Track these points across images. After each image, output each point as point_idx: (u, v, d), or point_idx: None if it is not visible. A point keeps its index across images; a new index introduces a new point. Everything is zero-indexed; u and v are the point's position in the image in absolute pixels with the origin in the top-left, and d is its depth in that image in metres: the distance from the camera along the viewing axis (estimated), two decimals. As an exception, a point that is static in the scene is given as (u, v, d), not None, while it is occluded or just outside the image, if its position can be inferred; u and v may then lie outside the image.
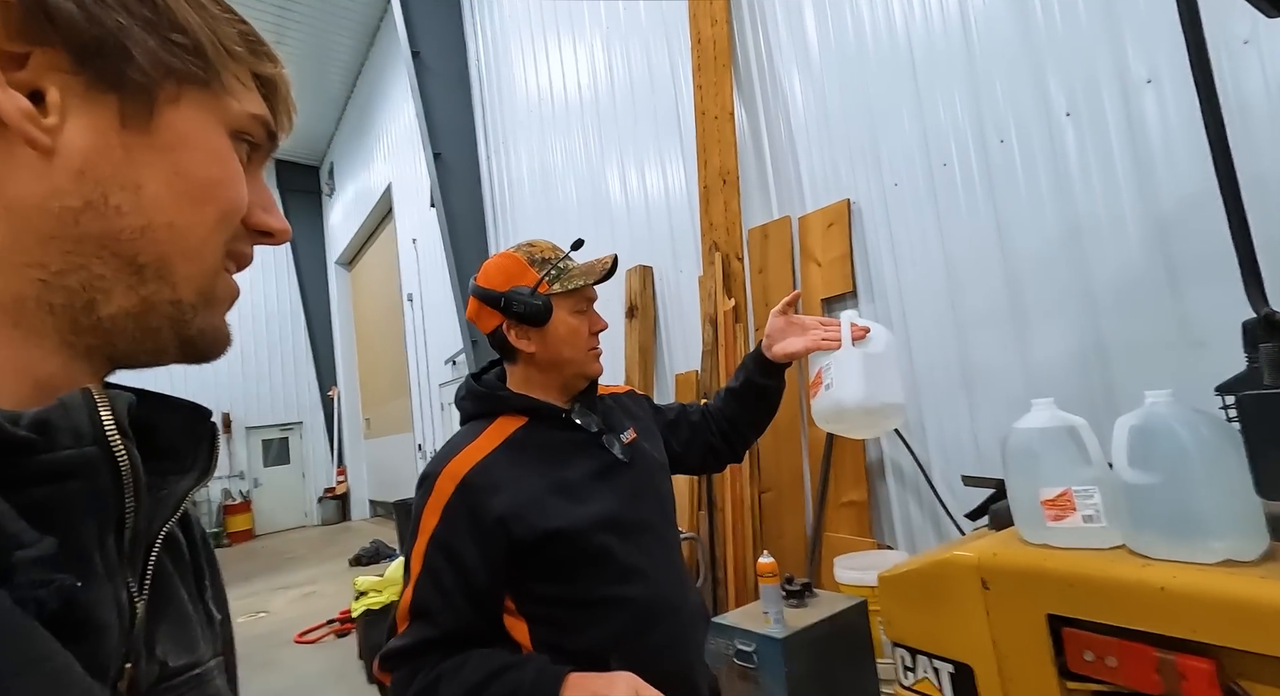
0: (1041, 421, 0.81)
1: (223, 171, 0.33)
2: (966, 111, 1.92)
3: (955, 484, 1.99)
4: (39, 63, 0.27)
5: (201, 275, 0.32)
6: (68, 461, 0.26)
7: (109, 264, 0.29)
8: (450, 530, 0.85)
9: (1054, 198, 1.72)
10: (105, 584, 0.27)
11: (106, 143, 0.29)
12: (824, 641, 1.54)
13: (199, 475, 0.34)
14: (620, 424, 1.04)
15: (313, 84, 9.04)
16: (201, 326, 0.33)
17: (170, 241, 0.31)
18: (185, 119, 0.31)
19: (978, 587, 0.82)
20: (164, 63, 0.30)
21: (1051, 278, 1.74)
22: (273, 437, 11.01)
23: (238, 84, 0.34)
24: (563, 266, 0.97)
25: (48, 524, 0.24)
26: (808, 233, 2.45)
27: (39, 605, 0.23)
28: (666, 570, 0.95)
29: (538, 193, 4.62)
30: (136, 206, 0.29)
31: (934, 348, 2.05)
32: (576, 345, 0.97)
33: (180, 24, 0.31)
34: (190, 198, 0.31)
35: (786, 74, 2.54)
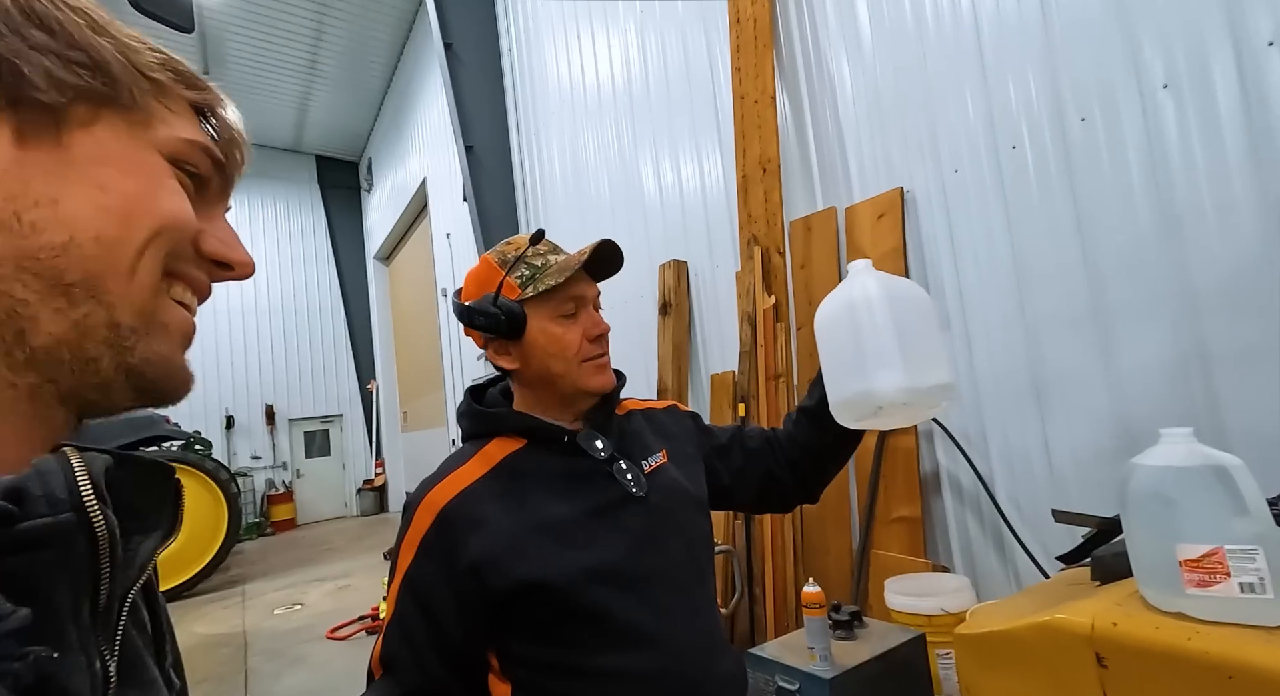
0: (1179, 458, 0.64)
1: (152, 185, 0.32)
2: (1042, 87, 1.71)
3: (1024, 503, 1.80)
4: None
5: (138, 293, 0.31)
6: (43, 530, 0.26)
7: (30, 286, 0.28)
8: (423, 572, 0.74)
9: (1147, 182, 1.50)
10: (79, 654, 0.27)
11: (11, 160, 0.28)
12: (876, 681, 1.38)
13: (163, 535, 0.33)
14: (644, 447, 0.87)
15: (352, 81, 9.14)
16: (146, 354, 0.31)
17: (99, 257, 0.29)
18: (104, 138, 0.31)
19: (1091, 664, 0.66)
20: (62, 81, 0.29)
21: (1142, 274, 1.52)
22: (314, 429, 11.26)
23: (164, 110, 0.34)
24: (536, 264, 0.81)
25: (21, 594, 0.24)
26: (855, 224, 2.26)
27: (15, 679, 0.23)
28: (687, 633, 0.78)
29: (569, 185, 4.51)
30: (55, 221, 0.28)
31: (999, 352, 1.85)
32: (564, 356, 0.81)
33: (80, 44, 0.30)
34: (117, 212, 0.30)
35: (833, 53, 2.35)
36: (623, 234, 3.82)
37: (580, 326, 0.82)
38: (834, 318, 0.89)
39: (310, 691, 3.48)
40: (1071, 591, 0.80)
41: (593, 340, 0.82)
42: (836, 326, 0.88)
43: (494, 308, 0.79)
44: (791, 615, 2.15)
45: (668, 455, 0.89)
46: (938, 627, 1.58)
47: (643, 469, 0.84)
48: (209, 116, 0.36)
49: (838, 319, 0.88)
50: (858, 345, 0.83)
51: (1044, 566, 1.65)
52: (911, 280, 0.89)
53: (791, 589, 2.19)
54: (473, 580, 0.72)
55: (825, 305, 0.92)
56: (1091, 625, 0.66)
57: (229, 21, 7.48)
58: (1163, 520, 0.64)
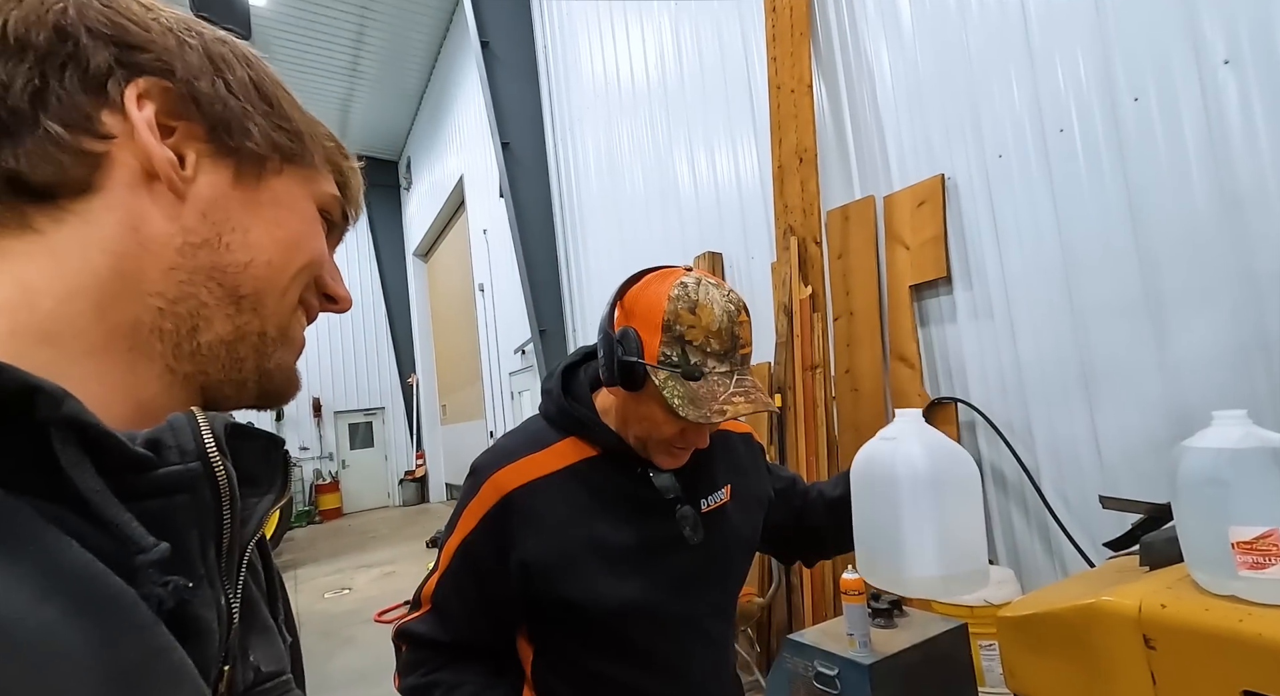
0: (1233, 440, 0.63)
1: (310, 228, 0.40)
2: (1092, 67, 1.66)
3: (1070, 496, 1.76)
4: (182, 133, 0.35)
5: (284, 312, 0.38)
6: (176, 476, 0.29)
7: (214, 293, 0.35)
8: (483, 543, 0.77)
9: (1206, 163, 1.45)
10: (208, 588, 0.30)
11: (224, 194, 0.36)
12: (917, 669, 1.38)
13: (275, 497, 0.37)
14: (710, 482, 0.85)
15: (392, 81, 9.36)
16: (279, 361, 0.39)
17: (266, 278, 0.37)
18: (285, 186, 0.39)
19: (1138, 646, 0.65)
20: (272, 140, 0.38)
21: (1200, 258, 1.47)
22: (358, 421, 11.63)
23: (323, 169, 0.42)
24: (690, 359, 0.72)
25: (159, 532, 0.27)
26: (894, 213, 2.23)
27: (159, 602, 0.26)
28: (704, 670, 0.82)
29: (604, 179, 4.54)
30: (243, 245, 0.36)
31: (1045, 341, 1.81)
32: (649, 435, 0.76)
33: (287, 116, 0.40)
34: (284, 244, 0.38)
35: (872, 38, 2.32)
36: (657, 227, 3.84)
37: (679, 428, 0.75)
38: (876, 484, 0.82)
39: (360, 670, 3.63)
40: (1119, 576, 0.79)
41: (683, 445, 0.78)
42: (876, 495, 0.82)
43: (626, 359, 0.72)
44: (830, 604, 2.15)
45: (731, 493, 0.87)
46: (980, 619, 1.57)
47: (703, 507, 0.83)
48: (345, 180, 0.45)
49: (879, 488, 0.81)
50: (897, 528, 0.78)
51: (1091, 558, 1.62)
52: (959, 447, 0.82)
53: (830, 577, 2.19)
54: (521, 574, 0.75)
55: (870, 458, 0.84)
56: (1139, 607, 0.66)
57: (275, 27, 7.74)
58: (1216, 503, 0.63)
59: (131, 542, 0.26)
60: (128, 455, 0.28)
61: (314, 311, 0.42)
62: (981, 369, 1.99)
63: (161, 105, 0.34)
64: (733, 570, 0.87)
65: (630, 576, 0.76)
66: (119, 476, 0.27)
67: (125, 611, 0.25)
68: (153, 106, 0.34)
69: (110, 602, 0.25)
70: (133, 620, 0.25)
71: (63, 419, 0.25)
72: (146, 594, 0.26)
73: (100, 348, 0.32)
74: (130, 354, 0.32)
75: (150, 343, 0.33)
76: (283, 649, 0.39)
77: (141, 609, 0.26)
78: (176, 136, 0.35)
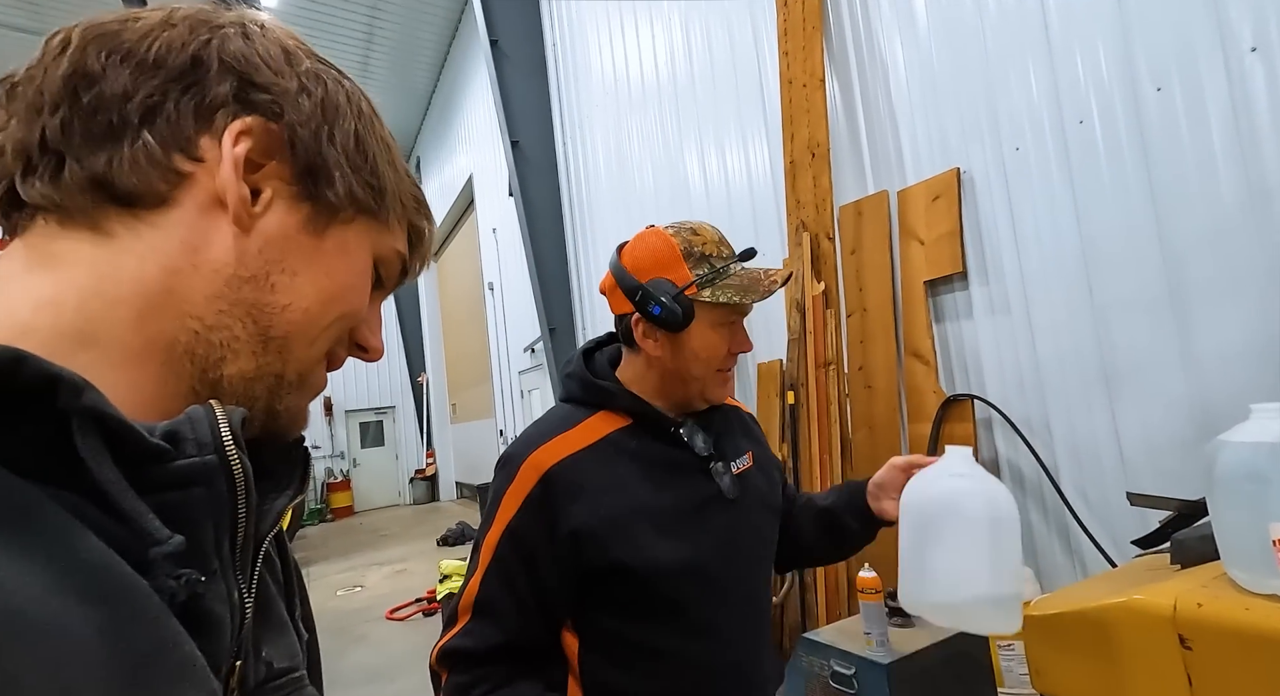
0: (1273, 434, 0.61)
1: (358, 281, 0.40)
2: (1113, 57, 1.62)
3: (1091, 492, 1.73)
4: (269, 171, 0.36)
5: (308, 359, 0.38)
6: (192, 468, 0.29)
7: (248, 328, 0.35)
8: (529, 525, 0.76)
9: (1232, 153, 1.42)
10: (220, 582, 0.30)
11: (287, 236, 0.36)
12: (936, 669, 1.36)
13: (293, 494, 0.38)
14: (735, 447, 0.88)
15: (401, 80, 9.40)
16: (289, 404, 0.38)
17: (299, 323, 0.37)
18: (349, 237, 0.39)
19: (1173, 646, 0.63)
20: (354, 194, 0.38)
21: (1226, 250, 1.44)
22: (369, 420, 11.71)
23: (396, 225, 0.42)
24: (722, 270, 0.80)
25: (174, 524, 0.27)
26: (909, 207, 2.21)
27: (171, 595, 0.26)
28: (748, 632, 0.81)
29: (614, 177, 4.53)
30: (287, 288, 0.36)
31: (1064, 337, 1.78)
32: (709, 364, 0.81)
33: (377, 173, 0.40)
34: (327, 295, 0.38)
35: (886, 31, 2.29)
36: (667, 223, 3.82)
37: (730, 339, 0.82)
38: (932, 520, 0.82)
39: (372, 667, 3.64)
40: (1150, 575, 0.77)
41: (733, 353, 0.84)
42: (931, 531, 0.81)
43: (674, 302, 0.77)
44: (844, 603, 2.13)
45: (753, 458, 0.90)
46: (999, 618, 1.54)
47: (734, 469, 0.85)
48: (417, 239, 0.45)
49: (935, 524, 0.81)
50: (953, 563, 0.78)
51: (1113, 557, 1.59)
52: (1000, 483, 0.82)
53: (844, 576, 2.17)
54: (571, 545, 0.74)
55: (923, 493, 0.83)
56: (1174, 606, 0.64)
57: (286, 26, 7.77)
58: (1255, 498, 0.61)
59: (147, 534, 0.26)
60: (145, 446, 0.28)
61: (339, 361, 0.42)
62: (999, 365, 1.96)
63: (259, 144, 0.35)
64: (766, 532, 0.89)
65: (678, 537, 0.77)
66: (137, 468, 0.27)
67: (138, 603, 0.25)
68: (249, 144, 0.34)
69: (123, 594, 0.25)
70: (145, 612, 0.25)
71: (83, 408, 0.25)
72: (159, 586, 0.26)
73: (136, 356, 0.32)
74: (163, 368, 0.33)
75: (182, 363, 0.34)
76: (297, 645, 0.38)
77: (154, 601, 0.25)
78: (261, 174, 0.35)
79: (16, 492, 0.24)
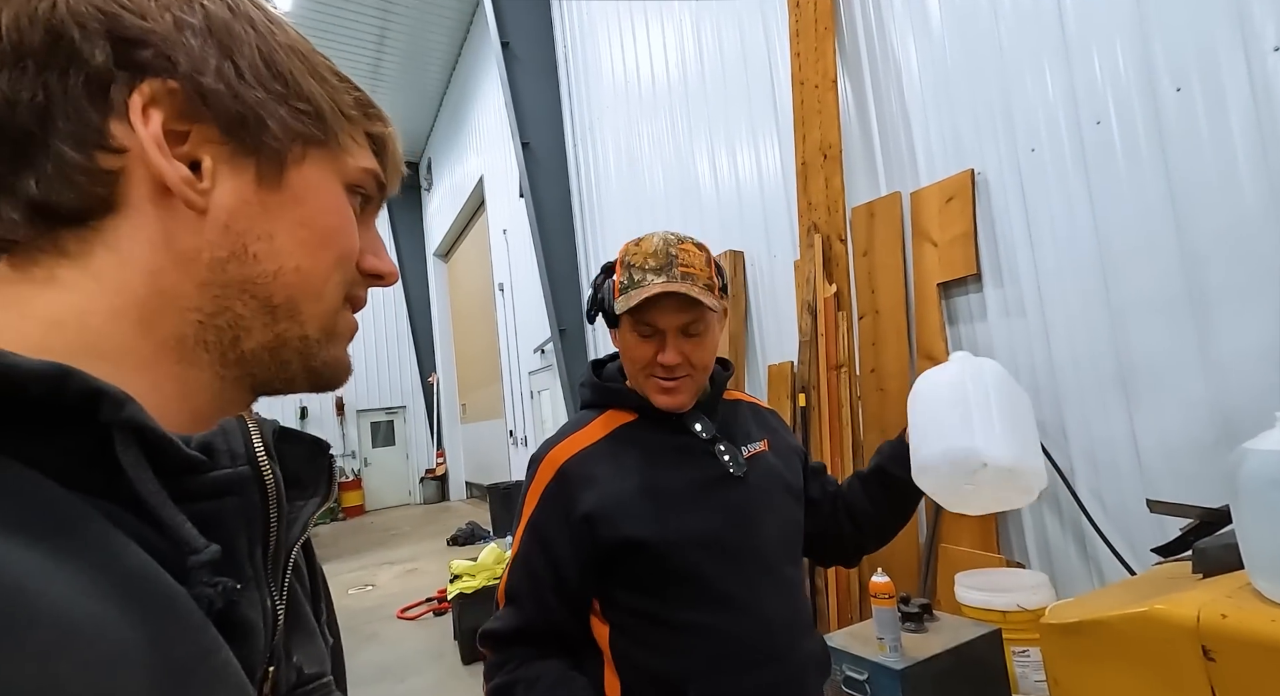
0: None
1: (339, 220, 0.37)
2: (1131, 57, 1.60)
3: (1108, 498, 1.71)
4: (197, 137, 0.32)
5: (325, 313, 0.37)
6: (227, 479, 0.30)
7: (249, 305, 0.34)
8: (545, 518, 0.83)
9: (1254, 154, 1.39)
10: (254, 590, 0.31)
11: (246, 200, 0.33)
12: (949, 675, 1.35)
13: (320, 501, 0.38)
14: (746, 434, 0.92)
15: (412, 82, 9.45)
16: (325, 358, 0.37)
17: (297, 284, 0.35)
18: (309, 176, 0.36)
19: (1196, 657, 0.62)
20: (292, 128, 0.35)
21: (1247, 252, 1.42)
22: (380, 420, 11.78)
23: (352, 143, 0.38)
24: (635, 278, 0.84)
25: (210, 533, 0.28)
26: (922, 209, 2.19)
27: (208, 602, 0.27)
28: (773, 607, 0.83)
29: (624, 178, 4.53)
30: (270, 254, 0.34)
31: (1080, 339, 1.76)
32: (634, 366, 0.87)
33: (305, 94, 0.36)
34: (312, 244, 0.36)
35: (899, 31, 2.27)
36: (677, 225, 3.82)
37: (654, 348, 0.85)
38: (937, 388, 0.89)
39: (384, 666, 3.67)
40: (1171, 584, 0.76)
41: (662, 365, 0.86)
42: (938, 396, 0.88)
43: (597, 301, 0.88)
44: (855, 607, 2.12)
45: (769, 445, 0.94)
46: (1013, 625, 1.53)
47: (742, 452, 0.89)
48: (381, 146, 0.41)
49: (939, 390, 0.88)
50: (968, 408, 0.83)
51: (1131, 564, 1.57)
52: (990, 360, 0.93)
53: (855, 580, 2.15)
54: (586, 528, 0.80)
55: (927, 378, 0.93)
56: (1197, 616, 0.63)
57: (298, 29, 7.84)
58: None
59: (184, 543, 0.27)
60: (182, 458, 0.28)
61: (361, 301, 0.41)
62: (1013, 368, 1.94)
63: (170, 110, 0.31)
64: (781, 506, 0.91)
65: (687, 511, 0.82)
66: (174, 478, 0.28)
67: (177, 611, 0.25)
68: (160, 116, 0.31)
69: (164, 602, 0.25)
70: (184, 620, 0.25)
71: (124, 421, 0.26)
72: (197, 594, 0.26)
73: (150, 362, 0.32)
74: (179, 366, 0.32)
75: (197, 353, 0.33)
76: (324, 650, 0.39)
77: (193, 609, 0.26)
78: (191, 142, 0.32)
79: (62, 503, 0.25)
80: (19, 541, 0.22)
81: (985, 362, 0.90)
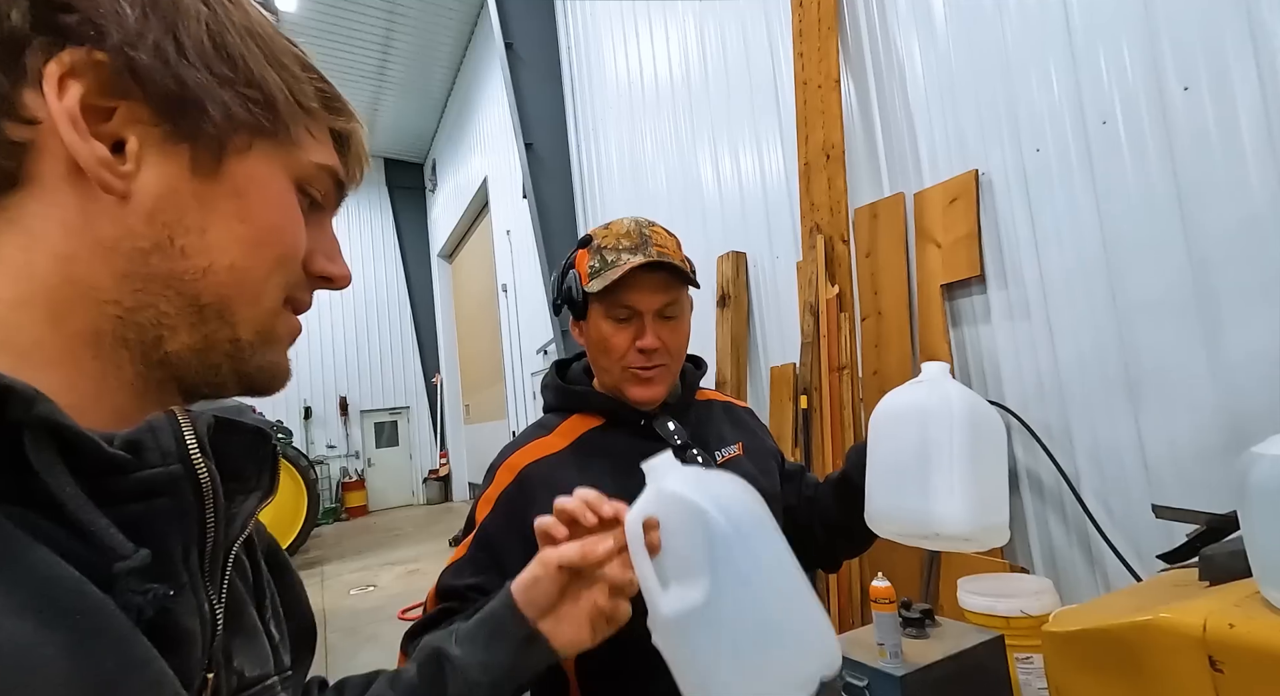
0: (1311, 448, 0.59)
1: (282, 217, 0.35)
2: (1138, 56, 1.58)
3: (1114, 503, 1.68)
4: (123, 115, 0.29)
5: (261, 316, 0.34)
6: (156, 479, 0.28)
7: (174, 303, 0.31)
8: (498, 523, 0.77)
9: (1265, 153, 1.37)
10: (190, 595, 0.29)
11: (176, 188, 0.31)
12: (951, 682, 1.33)
13: (262, 495, 0.35)
14: (720, 437, 0.88)
15: (417, 84, 9.48)
16: (260, 363, 0.35)
17: (231, 284, 0.32)
18: (252, 168, 0.33)
19: (1203, 668, 0.61)
20: (236, 116, 0.32)
21: (1257, 253, 1.39)
22: (383, 420, 11.81)
23: (308, 136, 0.36)
24: (607, 258, 0.80)
25: (139, 537, 0.26)
26: (925, 210, 2.17)
27: (138, 612, 0.25)
28: None
29: (627, 179, 4.53)
30: (200, 249, 0.31)
31: (1085, 342, 1.74)
32: (610, 356, 0.82)
33: (255, 80, 0.33)
34: (250, 241, 0.33)
35: (902, 32, 2.26)
36: (680, 226, 3.79)
37: (631, 333, 0.81)
38: (902, 422, 0.79)
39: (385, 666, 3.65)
40: (1177, 591, 0.74)
41: (641, 351, 0.81)
42: (903, 433, 0.78)
43: (565, 290, 0.83)
44: (856, 612, 2.10)
45: (743, 449, 0.90)
46: (1016, 630, 1.50)
47: (715, 458, 0.85)
48: (344, 139, 0.38)
49: (907, 426, 0.78)
50: (926, 464, 0.74)
51: (1137, 570, 1.55)
52: (959, 387, 0.80)
53: (856, 585, 2.13)
54: None
55: (893, 401, 0.82)
56: (1203, 626, 0.61)
57: (304, 32, 7.89)
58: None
59: (109, 550, 0.25)
60: (104, 457, 0.26)
61: (304, 304, 0.38)
62: (1017, 371, 1.92)
63: (93, 83, 0.28)
64: None
65: None
66: (96, 480, 0.26)
67: (102, 621, 0.24)
68: (80, 88, 0.28)
69: (87, 613, 0.23)
70: (110, 631, 0.24)
71: (35, 419, 0.24)
72: (125, 603, 0.25)
73: (62, 357, 0.29)
74: (96, 362, 0.30)
75: (116, 351, 0.30)
76: (268, 650, 0.37)
77: (119, 619, 0.24)
78: (116, 120, 0.29)
79: None
80: None
81: (954, 392, 0.78)
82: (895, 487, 0.79)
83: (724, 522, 0.54)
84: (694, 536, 0.54)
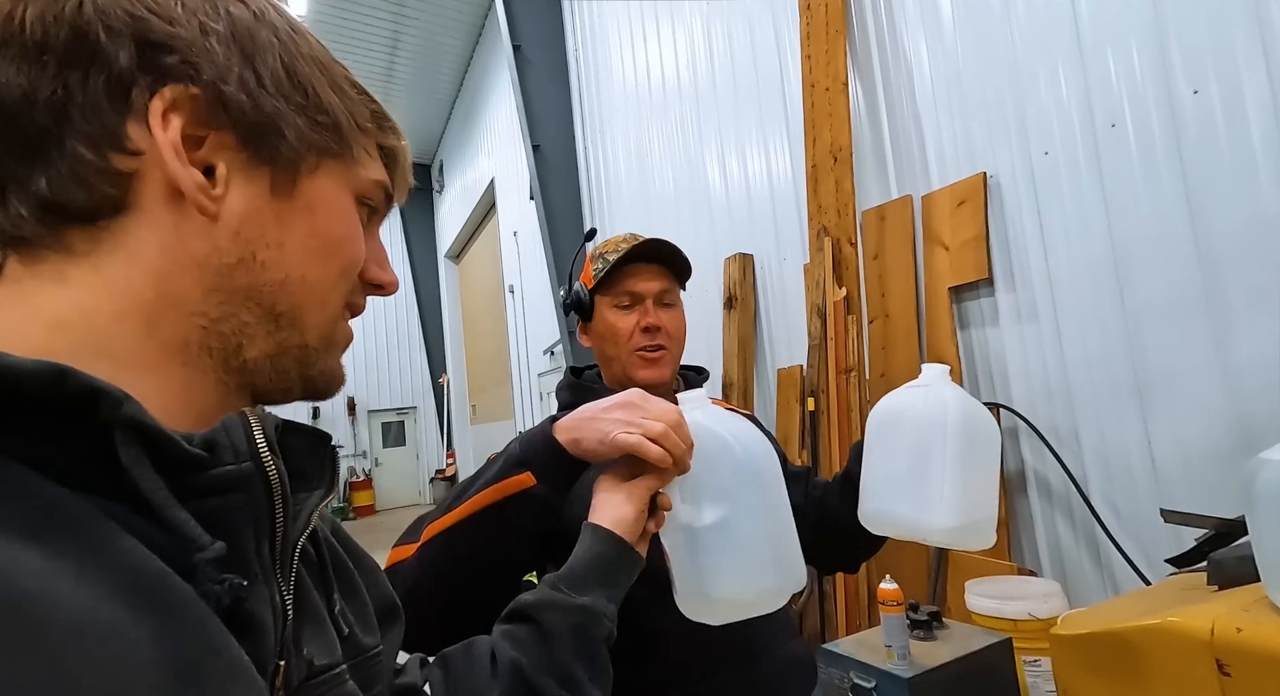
0: (1319, 453, 0.59)
1: (347, 230, 0.38)
2: (1147, 58, 1.58)
3: (1122, 505, 1.68)
4: (213, 143, 0.33)
5: (325, 322, 0.37)
6: (230, 475, 0.30)
7: (253, 312, 0.34)
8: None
9: (1272, 156, 1.37)
10: (263, 586, 0.31)
11: (258, 208, 0.34)
12: (958, 684, 1.33)
13: (324, 493, 0.38)
14: None
15: (425, 86, 9.53)
16: (321, 367, 0.38)
17: (302, 293, 0.35)
18: (321, 186, 0.36)
19: (1211, 672, 0.61)
20: (308, 139, 0.35)
21: (1267, 255, 1.39)
22: (390, 420, 11.86)
23: (365, 155, 0.39)
24: (610, 259, 0.92)
25: (215, 530, 0.28)
26: (933, 213, 2.17)
27: (216, 600, 0.27)
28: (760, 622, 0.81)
29: (634, 181, 4.54)
30: (278, 262, 0.34)
31: (1094, 344, 1.73)
32: (616, 343, 0.92)
33: (324, 107, 0.36)
34: (320, 254, 0.36)
35: (910, 34, 2.26)
36: (687, 228, 3.81)
37: (635, 317, 0.90)
38: (898, 428, 0.81)
39: (391, 666, 3.67)
40: (1185, 596, 0.74)
41: (644, 331, 0.90)
42: (897, 439, 0.80)
43: (574, 294, 0.94)
44: (864, 613, 2.10)
45: None
46: (1024, 633, 1.51)
47: None
48: (392, 159, 0.42)
49: (902, 433, 0.80)
50: (919, 474, 0.76)
51: (1145, 573, 1.54)
52: (956, 391, 0.81)
53: (864, 586, 2.14)
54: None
55: (891, 404, 0.83)
56: (1211, 629, 0.61)
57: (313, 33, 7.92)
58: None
59: (190, 541, 0.27)
60: (184, 455, 0.28)
61: (359, 308, 0.41)
62: (1025, 373, 1.92)
63: (189, 116, 0.32)
64: None
65: None
66: (177, 476, 0.28)
67: (185, 608, 0.25)
68: (180, 121, 0.31)
69: (170, 600, 0.25)
70: (192, 618, 0.25)
71: (124, 419, 0.26)
72: (204, 592, 0.26)
73: (155, 363, 0.32)
74: (184, 369, 0.33)
75: (201, 358, 0.33)
76: (335, 640, 0.39)
77: (200, 606, 0.26)
78: (206, 148, 0.33)
79: (64, 504, 0.25)
80: (23, 543, 0.22)
81: (950, 399, 0.78)
82: (888, 494, 0.81)
83: (741, 452, 0.64)
84: (715, 461, 0.63)
